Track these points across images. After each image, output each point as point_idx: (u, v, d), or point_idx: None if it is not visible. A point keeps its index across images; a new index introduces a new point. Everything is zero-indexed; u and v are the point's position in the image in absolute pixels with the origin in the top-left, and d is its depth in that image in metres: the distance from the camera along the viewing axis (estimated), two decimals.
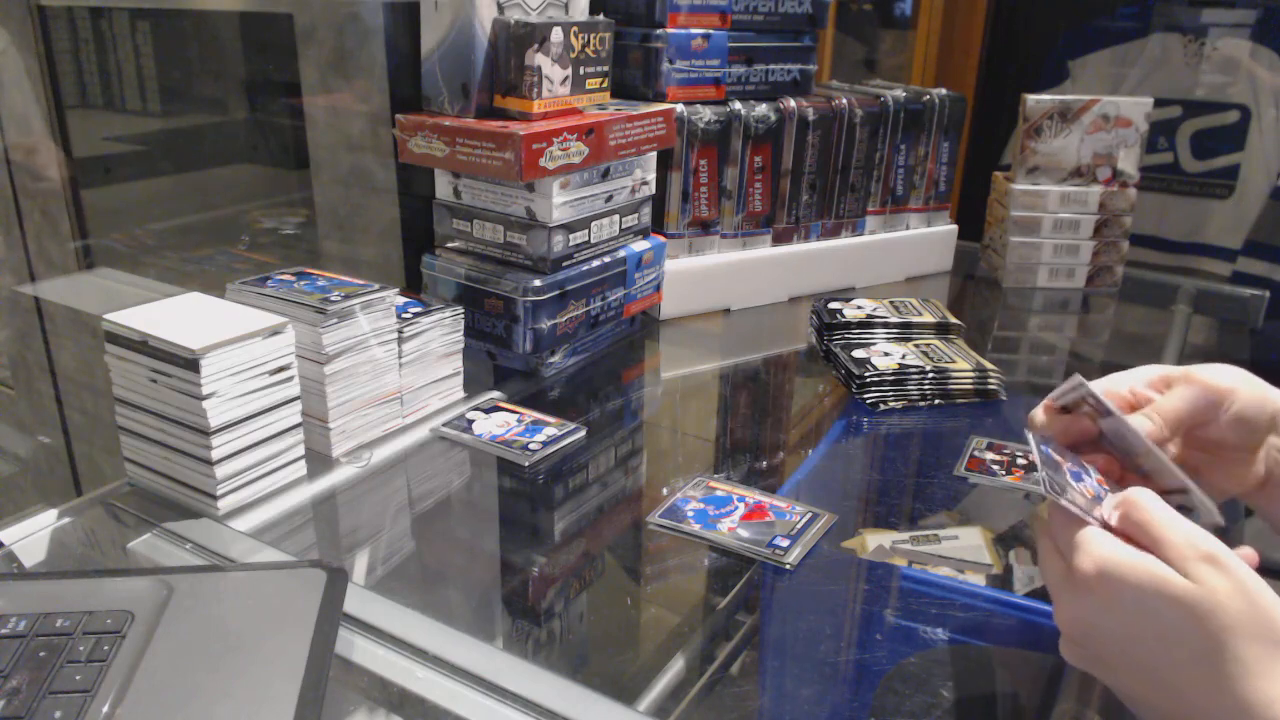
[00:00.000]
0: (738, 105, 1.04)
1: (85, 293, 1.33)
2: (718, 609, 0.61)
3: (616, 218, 0.94)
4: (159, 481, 0.68)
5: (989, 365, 0.88)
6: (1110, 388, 0.56)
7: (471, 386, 0.85)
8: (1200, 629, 0.40)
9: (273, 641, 0.48)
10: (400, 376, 0.77)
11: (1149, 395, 0.56)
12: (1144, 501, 0.45)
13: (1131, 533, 0.45)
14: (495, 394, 0.86)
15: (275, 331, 0.66)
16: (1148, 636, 0.42)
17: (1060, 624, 0.46)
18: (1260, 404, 0.54)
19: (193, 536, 0.64)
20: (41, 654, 0.46)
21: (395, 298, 0.75)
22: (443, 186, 0.92)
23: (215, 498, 0.65)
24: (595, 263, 0.92)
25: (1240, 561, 0.42)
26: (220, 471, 0.65)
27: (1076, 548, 0.44)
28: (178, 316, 0.66)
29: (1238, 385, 0.55)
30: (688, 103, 1.02)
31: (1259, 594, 0.41)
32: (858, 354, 0.90)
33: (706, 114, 1.02)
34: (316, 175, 1.03)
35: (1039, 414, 0.55)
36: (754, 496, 0.70)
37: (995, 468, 0.75)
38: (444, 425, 0.79)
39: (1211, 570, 0.41)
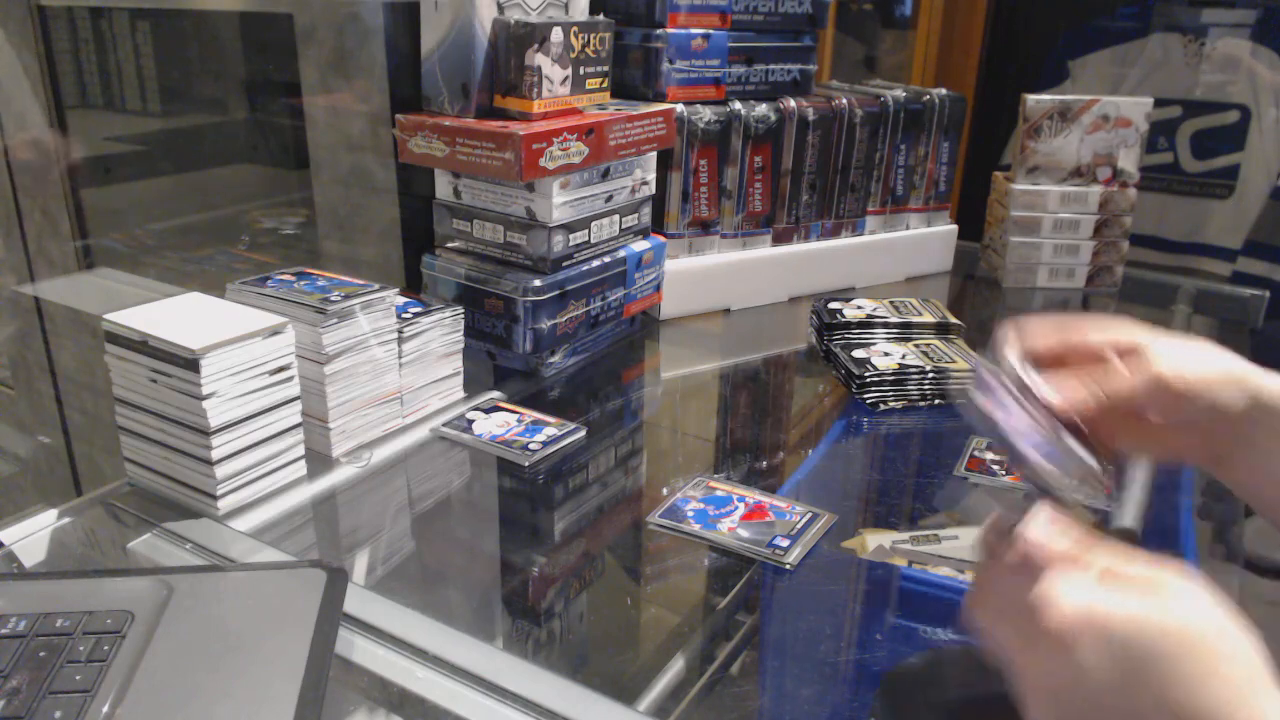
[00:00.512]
0: (738, 105, 1.04)
1: (85, 293, 1.33)
2: (718, 609, 0.61)
3: (616, 218, 0.94)
4: (159, 481, 0.68)
5: None
6: (1087, 332, 0.54)
7: (471, 386, 0.85)
8: (1193, 655, 0.38)
9: (273, 641, 0.48)
10: (400, 376, 0.77)
11: (1114, 363, 0.53)
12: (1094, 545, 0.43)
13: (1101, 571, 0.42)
14: (495, 394, 0.86)
15: (275, 331, 0.66)
16: (1138, 679, 0.39)
17: (1033, 693, 0.42)
18: (1229, 395, 0.52)
19: (193, 536, 0.64)
20: (41, 654, 0.46)
21: (395, 298, 0.75)
22: (443, 186, 0.92)
23: (215, 498, 0.65)
24: (595, 263, 0.92)
25: (1202, 586, 0.40)
26: (220, 471, 0.65)
27: (1045, 600, 0.41)
28: (178, 316, 0.66)
29: (1209, 384, 0.52)
30: (688, 103, 1.02)
31: (1225, 617, 0.40)
32: (858, 354, 0.90)
33: (706, 114, 1.02)
34: (316, 175, 1.03)
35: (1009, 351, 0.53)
36: (754, 496, 0.70)
37: (995, 468, 0.75)
38: (444, 425, 0.79)
39: (1184, 596, 0.40)
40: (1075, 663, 0.40)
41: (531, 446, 0.76)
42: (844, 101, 1.10)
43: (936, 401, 0.86)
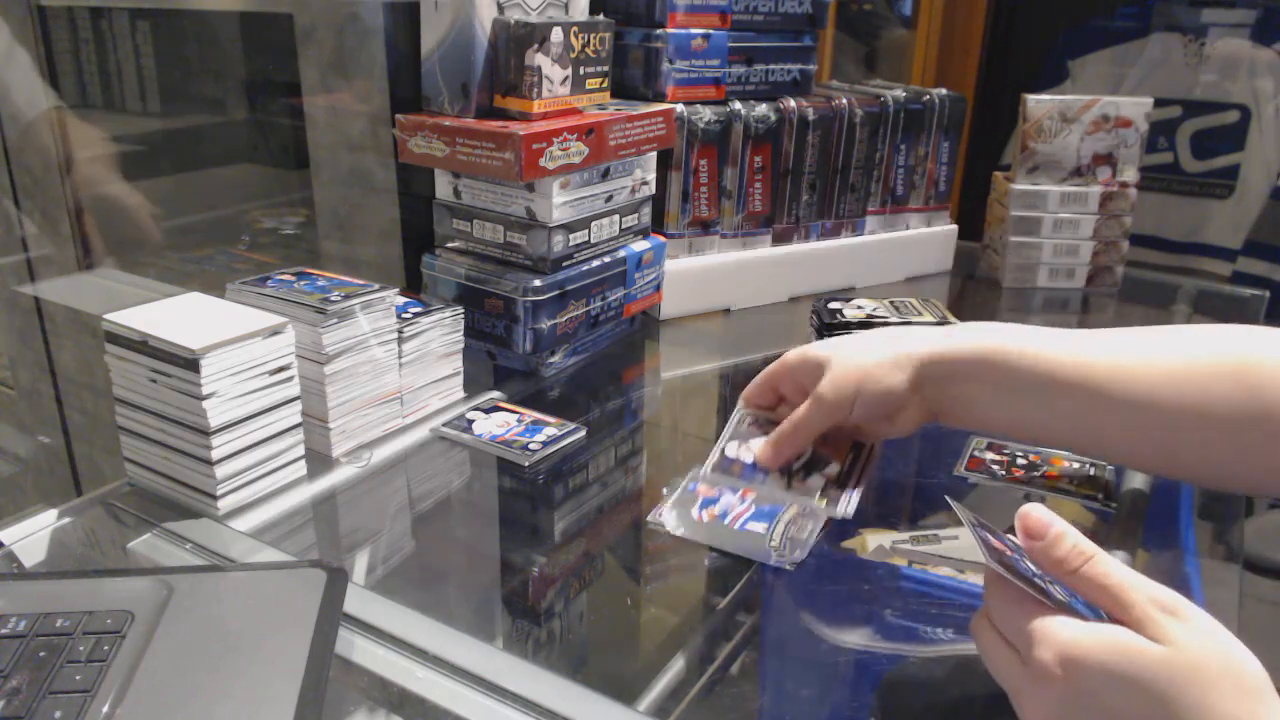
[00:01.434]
0: (738, 105, 1.04)
1: (85, 293, 1.33)
2: (718, 609, 0.61)
3: (616, 218, 0.94)
4: (159, 481, 0.68)
5: None
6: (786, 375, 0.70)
7: (471, 386, 0.85)
8: (1182, 695, 0.38)
9: (273, 641, 0.49)
10: (400, 376, 0.77)
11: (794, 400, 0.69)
12: (1105, 559, 0.43)
13: (1093, 593, 0.42)
14: (495, 394, 0.86)
15: (275, 331, 0.66)
16: (1130, 716, 0.39)
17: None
18: (893, 377, 0.64)
19: (193, 536, 0.64)
20: (41, 654, 0.46)
21: (395, 298, 0.75)
22: (443, 186, 0.92)
23: (215, 498, 0.65)
24: (595, 263, 0.92)
25: (1199, 609, 0.40)
26: (220, 471, 0.65)
27: (1033, 638, 0.41)
28: (178, 316, 0.66)
29: (870, 377, 0.64)
30: (688, 103, 1.02)
31: (1227, 643, 0.39)
32: None
33: (706, 114, 1.02)
34: (316, 175, 1.03)
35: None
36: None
37: (995, 468, 0.75)
38: (444, 425, 0.79)
39: (1179, 625, 0.39)
40: (1065, 697, 0.40)
41: (531, 446, 0.76)
42: (844, 101, 1.10)
43: None
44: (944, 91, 1.18)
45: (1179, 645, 0.39)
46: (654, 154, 0.97)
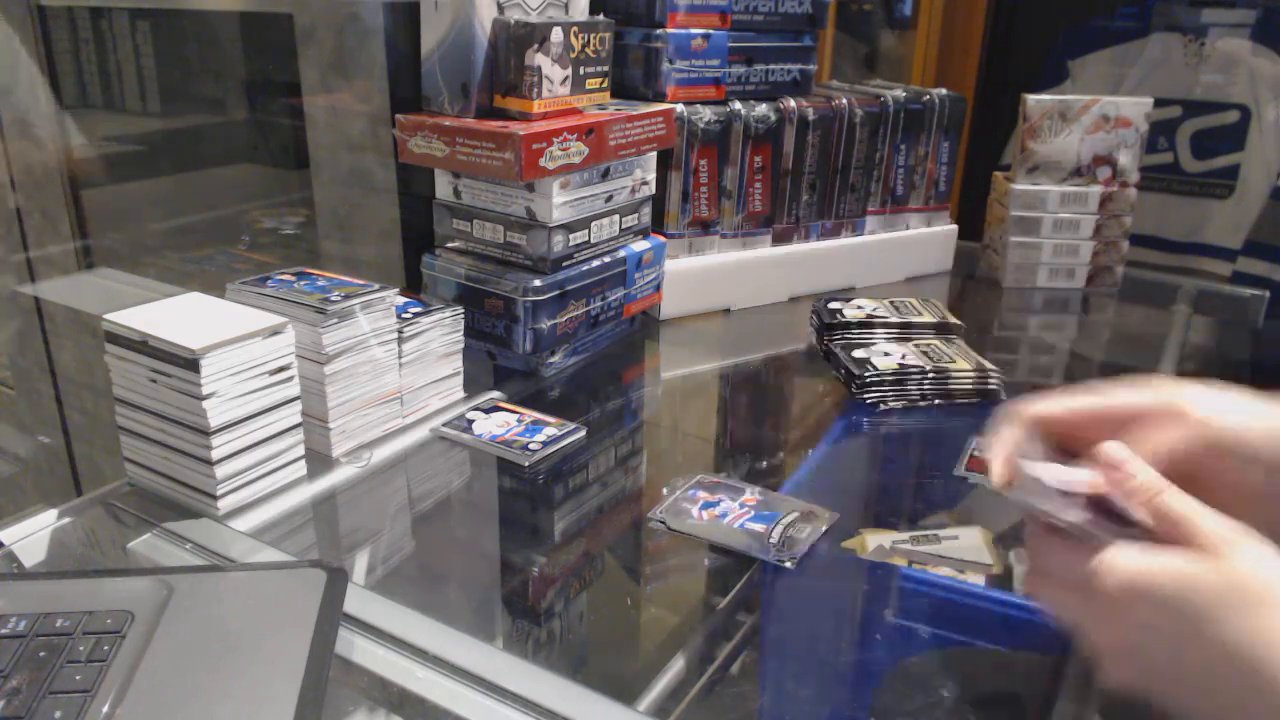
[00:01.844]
0: (738, 105, 1.04)
1: (85, 293, 1.33)
2: (718, 609, 0.61)
3: (616, 218, 0.94)
4: (159, 481, 0.68)
5: (989, 365, 0.88)
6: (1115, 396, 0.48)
7: (471, 386, 0.85)
8: (1236, 616, 0.39)
9: (273, 641, 0.49)
10: (400, 376, 0.77)
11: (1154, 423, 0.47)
12: (1175, 493, 0.43)
13: (1161, 523, 0.42)
14: (495, 394, 0.86)
15: (275, 331, 0.66)
16: (1200, 636, 0.40)
17: (1102, 650, 0.43)
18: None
19: (193, 536, 0.64)
20: (41, 654, 0.46)
21: (395, 298, 0.75)
22: (443, 186, 0.92)
23: (215, 498, 0.65)
24: (595, 263, 0.92)
25: (1261, 540, 0.41)
26: (220, 471, 0.65)
27: (1095, 572, 0.42)
28: (178, 316, 0.66)
29: (1269, 439, 0.45)
30: (688, 103, 1.02)
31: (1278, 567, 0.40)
32: (858, 354, 0.90)
33: (706, 114, 1.02)
34: (316, 175, 1.03)
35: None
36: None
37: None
38: (444, 425, 0.79)
39: (1237, 553, 0.40)
40: (1136, 625, 0.41)
41: (531, 446, 0.76)
42: (844, 101, 1.10)
43: (936, 401, 0.86)
44: (944, 91, 1.18)
45: (1231, 567, 0.40)
46: (654, 154, 0.97)
